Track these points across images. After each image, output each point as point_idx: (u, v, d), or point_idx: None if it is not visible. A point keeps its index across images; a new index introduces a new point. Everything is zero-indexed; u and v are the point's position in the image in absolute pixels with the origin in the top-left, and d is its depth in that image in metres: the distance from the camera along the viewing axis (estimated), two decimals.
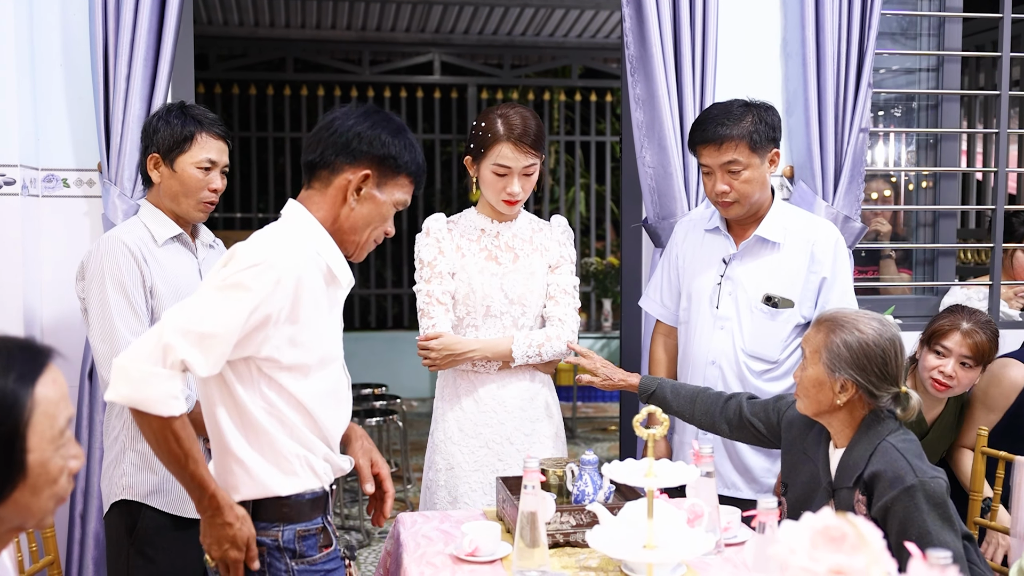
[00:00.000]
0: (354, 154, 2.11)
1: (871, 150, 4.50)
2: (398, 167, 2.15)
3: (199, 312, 1.93)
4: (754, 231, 2.90)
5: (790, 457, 2.57)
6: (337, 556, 2.19)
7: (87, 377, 3.24)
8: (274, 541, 2.07)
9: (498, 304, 2.89)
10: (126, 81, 3.17)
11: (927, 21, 4.11)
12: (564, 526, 2.33)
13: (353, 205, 2.13)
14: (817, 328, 2.41)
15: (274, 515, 2.08)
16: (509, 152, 2.79)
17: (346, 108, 2.18)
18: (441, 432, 2.94)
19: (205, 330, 1.91)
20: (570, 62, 10.32)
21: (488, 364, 2.90)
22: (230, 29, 9.39)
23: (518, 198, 2.84)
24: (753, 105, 2.83)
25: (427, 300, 2.89)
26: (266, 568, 2.08)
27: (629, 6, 3.50)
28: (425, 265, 2.91)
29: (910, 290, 4.21)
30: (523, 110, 2.84)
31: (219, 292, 1.95)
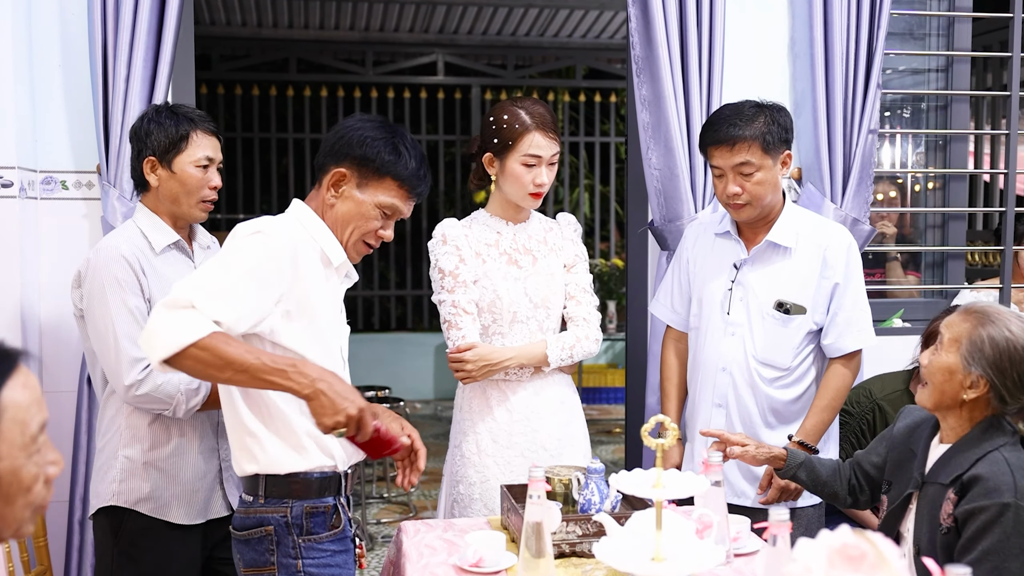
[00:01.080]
0: (337, 154, 2.22)
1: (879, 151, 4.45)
2: (380, 169, 2.21)
3: (209, 275, 2.00)
4: (765, 236, 2.84)
5: (896, 455, 2.50)
6: (346, 537, 2.23)
7: (86, 382, 3.20)
8: (283, 517, 2.14)
9: (524, 309, 2.83)
10: (125, 82, 3.13)
11: (936, 21, 4.06)
12: (570, 536, 2.29)
13: (332, 202, 2.23)
14: (964, 316, 2.30)
15: (284, 491, 2.14)
16: (542, 140, 2.75)
17: (355, 116, 2.29)
18: (472, 444, 2.85)
19: (221, 287, 1.98)
20: (574, 63, 10.28)
21: (521, 371, 2.84)
22: (233, 29, 9.36)
23: (545, 189, 2.80)
24: (765, 106, 2.78)
25: (453, 311, 2.81)
26: (275, 546, 2.14)
27: (635, 6, 3.45)
28: (447, 275, 2.82)
29: (919, 293, 4.16)
30: (536, 100, 2.84)
31: (225, 257, 2.05)
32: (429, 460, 2.66)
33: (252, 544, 2.17)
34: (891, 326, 3.88)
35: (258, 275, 2.03)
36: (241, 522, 2.20)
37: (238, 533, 2.20)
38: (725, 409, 2.89)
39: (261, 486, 2.16)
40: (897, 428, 2.55)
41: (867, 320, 2.85)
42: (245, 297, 2.01)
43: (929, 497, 2.30)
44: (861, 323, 2.83)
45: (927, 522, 2.28)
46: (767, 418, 2.86)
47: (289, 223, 2.19)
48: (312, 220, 2.22)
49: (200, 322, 1.92)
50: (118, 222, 3.14)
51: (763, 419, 2.86)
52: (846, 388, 2.85)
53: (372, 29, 9.49)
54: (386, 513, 6.00)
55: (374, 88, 9.97)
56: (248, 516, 2.18)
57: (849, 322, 2.81)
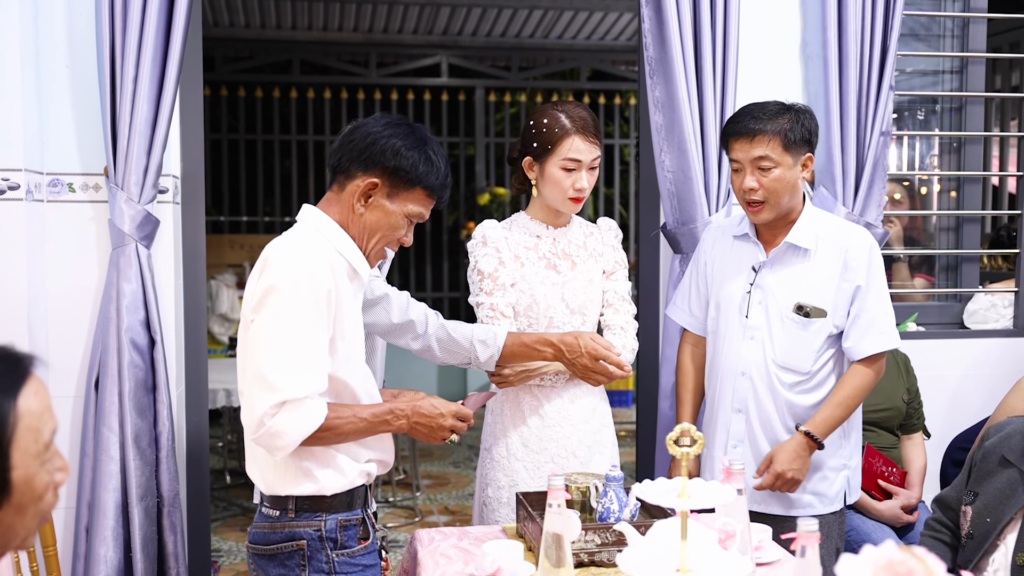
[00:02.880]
0: (367, 162, 2.16)
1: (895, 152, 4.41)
2: (412, 179, 2.17)
3: (282, 353, 2.04)
4: (784, 238, 2.81)
5: (981, 467, 2.54)
6: (375, 549, 2.24)
7: (93, 387, 3.16)
8: (316, 532, 2.12)
9: (560, 315, 2.81)
10: (133, 83, 3.08)
11: (951, 22, 4.03)
12: (589, 545, 2.25)
13: (360, 211, 2.18)
14: None
15: (316, 505, 2.14)
16: (582, 144, 2.73)
17: (375, 116, 2.23)
18: (503, 448, 2.84)
19: (297, 361, 2.04)
20: (578, 64, 10.24)
21: (556, 377, 2.81)
22: (236, 31, 9.31)
23: (586, 194, 2.78)
24: (791, 107, 2.76)
25: (491, 314, 2.80)
26: (307, 562, 2.12)
27: (648, 7, 3.41)
28: (486, 277, 2.81)
29: (933, 297, 4.12)
30: (579, 104, 2.81)
31: (281, 325, 2.05)
32: (433, 465, 2.64)
33: (280, 560, 2.15)
34: (905, 330, 3.84)
35: (316, 332, 2.06)
36: (266, 537, 2.17)
37: (262, 548, 2.17)
38: (745, 414, 2.85)
39: (292, 500, 2.14)
40: (986, 446, 2.59)
41: (890, 322, 2.80)
42: (318, 357, 2.07)
43: None
44: (884, 325, 2.78)
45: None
46: (788, 423, 2.82)
47: (316, 244, 2.14)
48: (336, 232, 2.18)
49: (308, 416, 2.04)
50: (126, 225, 3.10)
51: (783, 424, 2.82)
52: (864, 388, 2.80)
53: (376, 31, 9.45)
54: (391, 518, 5.95)
55: (378, 90, 9.93)
56: (275, 531, 2.16)
57: (871, 324, 2.77)
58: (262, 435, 2.04)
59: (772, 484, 2.76)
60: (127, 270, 3.13)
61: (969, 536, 2.49)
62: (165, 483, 3.19)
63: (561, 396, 2.82)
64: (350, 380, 2.18)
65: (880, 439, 3.40)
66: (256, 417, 2.03)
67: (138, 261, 3.14)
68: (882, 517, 3.28)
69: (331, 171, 2.23)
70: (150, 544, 3.16)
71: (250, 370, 2.07)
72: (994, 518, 2.43)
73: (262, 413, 2.02)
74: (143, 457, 3.14)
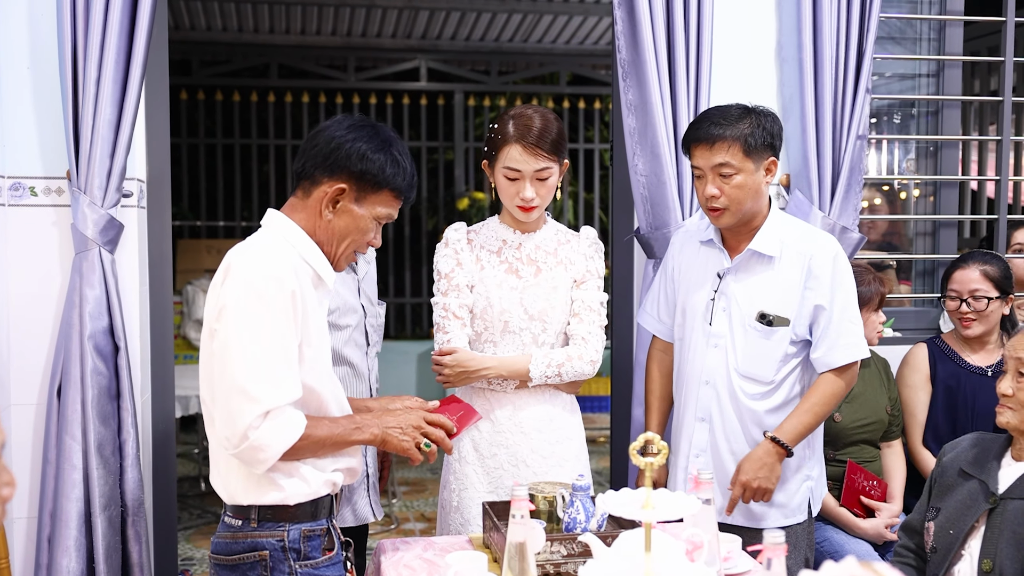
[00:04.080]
0: (333, 167, 2.12)
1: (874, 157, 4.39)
2: (379, 182, 2.15)
3: (253, 363, 2.00)
4: (748, 244, 2.77)
5: (941, 483, 2.57)
6: (339, 560, 2.20)
7: (55, 394, 3.09)
8: (279, 542, 2.09)
9: (517, 320, 2.76)
10: (96, 85, 3.02)
11: (927, 25, 4.00)
12: (555, 556, 2.20)
13: (329, 217, 2.14)
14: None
15: (280, 515, 2.10)
16: (517, 154, 2.66)
17: (337, 119, 2.19)
18: (456, 452, 2.82)
19: (270, 370, 2.00)
20: (558, 69, 10.21)
21: (504, 383, 2.77)
22: (213, 35, 9.24)
23: (533, 204, 2.71)
24: (753, 110, 2.70)
25: (443, 314, 2.78)
26: (269, 572, 2.08)
27: (621, 8, 3.37)
28: (442, 277, 2.80)
29: (909, 302, 4.09)
30: (539, 110, 2.72)
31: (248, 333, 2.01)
32: (410, 471, 2.61)
33: (242, 570, 2.11)
34: None
35: (286, 337, 2.04)
36: (228, 547, 2.13)
37: (224, 558, 2.13)
38: (708, 423, 2.80)
39: (254, 510, 2.10)
40: (943, 462, 2.61)
41: (858, 332, 2.75)
42: (291, 362, 2.05)
43: (1010, 513, 2.35)
44: (851, 335, 2.73)
45: (1008, 538, 2.33)
46: (751, 433, 2.77)
47: (280, 249, 2.10)
48: (301, 239, 2.14)
49: (290, 427, 2.02)
50: (89, 230, 3.04)
51: (746, 434, 2.77)
52: (835, 396, 2.75)
53: (354, 34, 9.39)
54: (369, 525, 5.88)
55: (356, 94, 9.88)
56: (237, 541, 2.12)
57: (839, 335, 2.72)
58: (245, 449, 1.99)
59: (740, 495, 2.72)
60: (90, 275, 3.07)
61: (933, 550, 2.48)
62: (129, 492, 3.13)
63: (511, 402, 2.78)
64: (317, 386, 2.14)
65: (862, 452, 3.36)
66: (239, 430, 1.99)
67: (101, 266, 3.08)
68: (865, 535, 3.24)
69: (295, 177, 2.20)
70: (114, 554, 3.09)
71: (223, 382, 2.02)
72: (956, 529, 2.43)
73: (246, 426, 1.98)
74: (107, 466, 3.07)
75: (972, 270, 3.44)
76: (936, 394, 3.49)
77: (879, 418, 3.37)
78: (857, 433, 3.32)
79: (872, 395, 3.37)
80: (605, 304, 2.85)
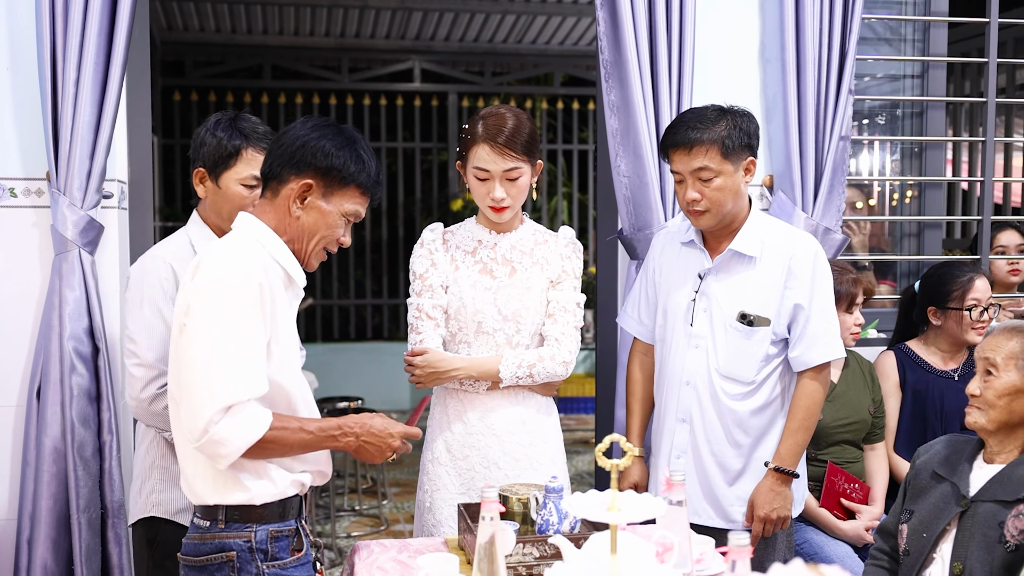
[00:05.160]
0: (299, 165, 2.14)
1: (855, 159, 4.38)
2: (345, 178, 2.17)
3: (217, 359, 1.99)
4: (729, 244, 2.76)
5: (915, 486, 2.56)
6: (308, 561, 2.19)
7: (35, 396, 3.09)
8: (247, 542, 2.08)
9: (491, 320, 2.74)
10: (75, 85, 3.01)
11: (912, 27, 4.00)
12: (527, 558, 2.20)
13: (297, 214, 2.16)
14: (1008, 335, 2.41)
15: (247, 515, 2.09)
16: (485, 154, 2.65)
17: (300, 120, 2.22)
18: (430, 452, 2.81)
19: (234, 366, 1.99)
20: (552, 69, 10.21)
21: (476, 384, 2.75)
22: (207, 36, 9.24)
23: (504, 204, 2.70)
24: (729, 111, 2.69)
25: (416, 314, 2.79)
26: (236, 573, 2.08)
27: (603, 9, 3.36)
28: (417, 277, 2.81)
29: (894, 304, 4.08)
30: (509, 111, 2.70)
31: (215, 328, 2.01)
32: (402, 472, 2.59)
33: (210, 571, 2.11)
34: (866, 336, 3.81)
35: (253, 331, 2.03)
36: (196, 548, 2.12)
37: (192, 560, 2.12)
38: (689, 424, 2.79)
39: (221, 511, 2.10)
40: (917, 465, 2.60)
41: (835, 332, 2.76)
42: (258, 357, 2.04)
43: (981, 516, 2.33)
44: (829, 335, 2.74)
45: (978, 540, 2.32)
46: (732, 434, 2.77)
47: (250, 249, 2.11)
48: (271, 239, 2.16)
49: (253, 423, 2.01)
50: (68, 231, 3.04)
51: (728, 435, 2.77)
52: (817, 405, 2.76)
53: (348, 35, 9.39)
54: (357, 527, 5.89)
55: (350, 95, 9.88)
56: (205, 542, 2.11)
57: (817, 334, 2.72)
58: (206, 443, 2.00)
59: (762, 530, 2.74)
60: (70, 277, 3.07)
61: (906, 553, 2.47)
62: (109, 494, 3.12)
63: (483, 403, 2.76)
64: (286, 384, 2.14)
65: (844, 453, 3.35)
66: (200, 425, 1.99)
67: (81, 267, 3.08)
68: (845, 537, 3.23)
69: (263, 179, 2.21)
70: (93, 556, 3.09)
71: (188, 376, 2.02)
72: (929, 532, 2.42)
73: (207, 420, 1.98)
74: (87, 467, 3.07)
75: (984, 280, 3.45)
76: (905, 400, 3.49)
77: (861, 418, 3.36)
78: (839, 433, 3.31)
79: (855, 395, 3.37)
80: (581, 305, 2.83)
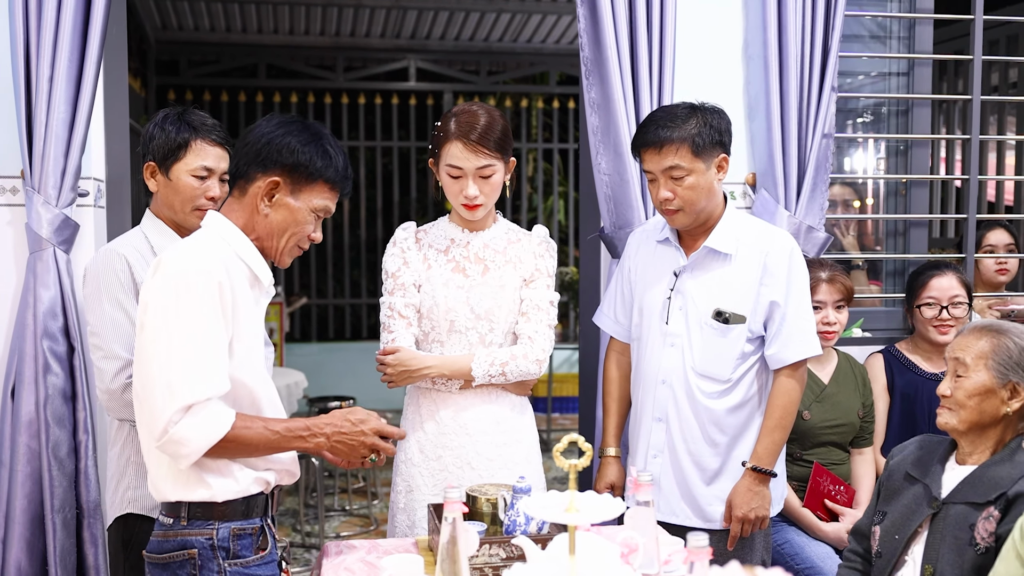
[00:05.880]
0: (265, 162, 2.13)
1: (848, 157, 4.35)
2: (312, 174, 2.15)
3: (175, 356, 1.98)
4: (704, 242, 2.74)
5: (888, 487, 2.54)
6: (273, 560, 2.18)
7: (9, 396, 3.07)
8: (208, 540, 2.07)
9: (463, 319, 2.73)
10: (49, 82, 2.99)
11: (899, 24, 3.97)
12: (493, 559, 2.18)
13: (266, 212, 2.15)
14: (977, 334, 2.39)
15: (209, 513, 2.08)
16: (458, 152, 2.63)
17: (266, 117, 2.21)
18: (402, 453, 2.79)
19: (194, 363, 1.97)
20: (548, 68, 10.18)
21: (448, 383, 2.73)
22: (201, 35, 9.22)
23: (477, 202, 2.68)
24: (700, 108, 2.67)
25: (388, 313, 2.76)
26: (197, 571, 2.06)
27: (583, 6, 3.34)
28: (389, 276, 2.78)
29: (880, 302, 4.05)
30: (481, 108, 2.68)
31: (173, 324, 1.99)
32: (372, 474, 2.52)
33: (172, 568, 2.09)
34: (850, 336, 3.78)
35: (212, 329, 2.01)
36: (159, 546, 2.11)
37: (156, 557, 2.11)
38: (665, 423, 2.77)
39: (184, 508, 2.08)
40: (890, 466, 2.58)
41: (811, 329, 2.74)
42: (218, 356, 2.02)
43: (952, 518, 2.32)
44: (805, 332, 2.72)
45: (949, 543, 2.30)
46: (709, 433, 2.75)
47: (214, 245, 2.10)
48: (237, 237, 2.15)
49: (214, 421, 1.99)
50: (43, 229, 3.02)
51: (704, 434, 2.75)
52: (793, 404, 2.74)
53: (343, 34, 9.37)
54: (347, 527, 5.87)
55: (345, 94, 9.85)
56: (168, 539, 2.10)
57: (792, 331, 2.70)
58: (166, 442, 1.99)
59: (740, 531, 2.73)
60: (45, 276, 3.05)
61: (878, 555, 2.45)
62: (85, 494, 3.10)
63: (456, 402, 2.74)
64: (249, 382, 2.12)
65: (830, 454, 3.33)
66: (160, 424, 1.98)
67: (56, 266, 3.06)
68: (827, 539, 3.21)
69: (231, 178, 2.21)
70: (68, 557, 3.07)
71: (148, 375, 2.01)
72: (901, 534, 2.39)
73: (166, 420, 1.97)
74: (61, 467, 3.05)
75: (949, 277, 3.44)
76: (894, 403, 3.47)
77: (850, 421, 3.34)
78: (825, 433, 3.28)
79: (844, 397, 3.34)
80: (555, 304, 2.82)
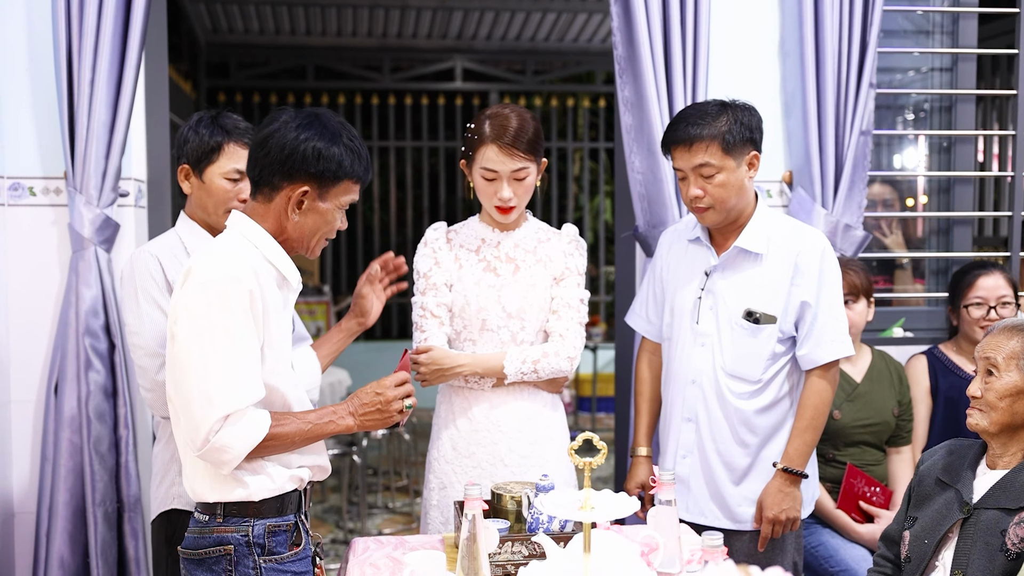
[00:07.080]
0: (291, 172, 2.10)
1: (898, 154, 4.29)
2: (338, 175, 2.14)
3: (212, 369, 1.99)
4: (735, 241, 2.72)
5: (919, 492, 2.50)
6: (307, 556, 2.19)
7: (52, 392, 3.14)
8: (244, 537, 2.08)
9: (495, 318, 2.74)
10: (90, 85, 3.06)
11: (942, 18, 3.90)
12: (516, 556, 2.18)
13: (296, 219, 2.14)
14: (1009, 334, 2.35)
15: (244, 510, 2.09)
16: (493, 155, 2.63)
17: (280, 120, 2.14)
18: (436, 450, 2.82)
19: (230, 375, 1.99)
20: (593, 67, 10.17)
21: (481, 381, 2.75)
22: (250, 37, 9.35)
23: (510, 204, 2.69)
24: (730, 105, 2.64)
25: (421, 313, 2.78)
26: (233, 567, 2.08)
27: (617, 5, 3.33)
28: (421, 276, 2.80)
29: (923, 301, 3.99)
30: (515, 110, 2.67)
31: (207, 337, 2.00)
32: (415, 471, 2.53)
33: (208, 564, 2.11)
34: (890, 335, 3.73)
35: (246, 337, 2.02)
36: (195, 542, 2.13)
37: (191, 553, 2.13)
38: (695, 423, 2.76)
39: (220, 506, 2.11)
40: (920, 471, 2.54)
41: (843, 329, 2.70)
42: (252, 364, 2.04)
43: (983, 523, 2.28)
44: (837, 332, 2.68)
45: (980, 548, 2.26)
46: (738, 434, 2.72)
47: (242, 250, 2.09)
48: (265, 240, 2.13)
49: (252, 427, 2.02)
50: (85, 229, 3.08)
51: (734, 434, 2.72)
52: (825, 404, 2.71)
53: (389, 35, 9.44)
54: (389, 524, 5.91)
55: (392, 95, 9.93)
56: (203, 536, 2.12)
57: (825, 332, 2.67)
58: (207, 451, 2.01)
59: (771, 532, 2.71)
60: (87, 274, 3.11)
61: (907, 560, 2.41)
62: (126, 488, 3.17)
63: (488, 400, 2.75)
64: (280, 386, 2.13)
65: (865, 455, 3.28)
66: (201, 435, 2.00)
67: (98, 265, 3.12)
68: (862, 540, 3.16)
69: (252, 183, 2.16)
70: (109, 549, 3.13)
71: (184, 385, 2.02)
72: (931, 538, 2.35)
73: (207, 430, 1.99)
74: (103, 462, 3.11)
75: (996, 276, 3.37)
76: (937, 407, 3.40)
77: (884, 419, 3.29)
78: (858, 433, 3.24)
79: (879, 395, 3.29)
80: (585, 301, 2.81)
